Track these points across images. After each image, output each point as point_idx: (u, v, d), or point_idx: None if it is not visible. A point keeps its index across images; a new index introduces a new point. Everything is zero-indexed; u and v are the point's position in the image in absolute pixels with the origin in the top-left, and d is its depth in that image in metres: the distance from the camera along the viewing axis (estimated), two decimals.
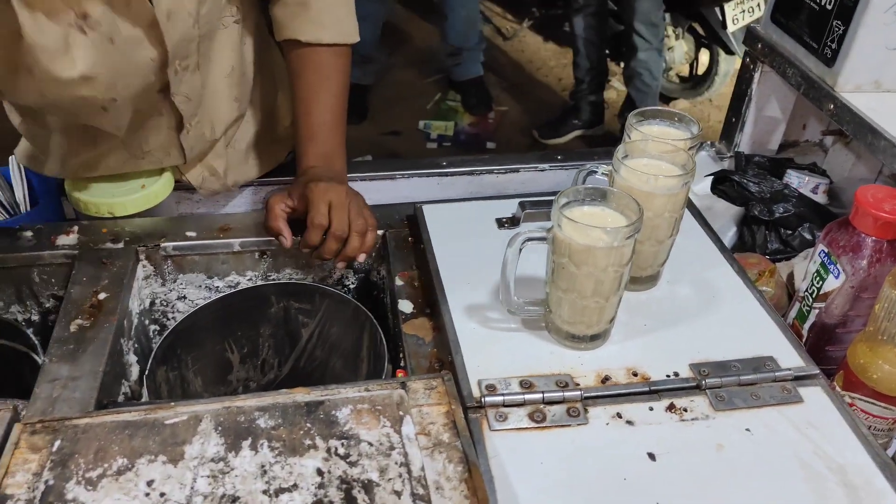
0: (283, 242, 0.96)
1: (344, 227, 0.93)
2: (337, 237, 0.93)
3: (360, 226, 0.95)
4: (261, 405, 0.63)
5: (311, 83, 1.03)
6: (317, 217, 0.93)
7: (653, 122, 0.90)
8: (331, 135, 1.04)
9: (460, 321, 0.83)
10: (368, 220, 0.96)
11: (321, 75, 1.04)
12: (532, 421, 0.72)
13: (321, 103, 1.03)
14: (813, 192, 1.18)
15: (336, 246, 0.94)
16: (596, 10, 3.01)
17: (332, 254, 0.94)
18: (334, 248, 0.94)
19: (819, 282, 0.88)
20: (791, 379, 0.77)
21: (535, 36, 4.11)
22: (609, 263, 0.73)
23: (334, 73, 1.04)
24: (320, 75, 1.03)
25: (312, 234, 0.94)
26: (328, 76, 1.04)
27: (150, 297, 1.00)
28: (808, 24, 1.08)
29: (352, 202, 0.96)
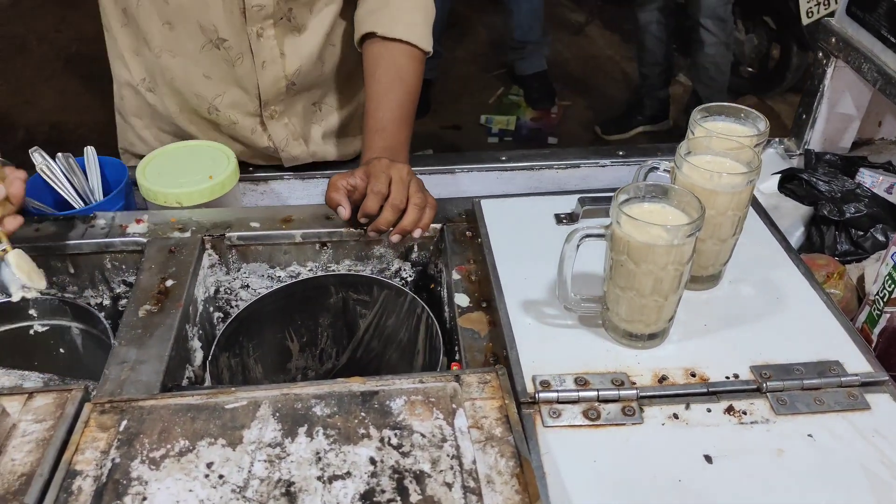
0: (342, 213, 0.96)
1: (402, 198, 0.94)
2: (395, 207, 0.93)
3: (420, 199, 0.95)
4: (318, 393, 0.64)
5: (384, 80, 1.08)
6: (376, 185, 0.93)
7: (718, 118, 0.88)
8: (397, 130, 1.06)
9: (516, 316, 0.83)
10: (428, 198, 0.97)
11: (394, 74, 1.08)
12: (586, 418, 0.72)
13: (392, 100, 1.07)
14: (887, 191, 1.13)
15: (393, 217, 0.94)
16: (662, 4, 2.95)
17: (387, 224, 0.94)
18: (391, 219, 0.94)
19: (891, 285, 0.85)
20: (858, 385, 0.75)
21: (600, 30, 4.05)
22: (669, 262, 0.72)
23: (406, 75, 1.09)
24: (394, 74, 1.08)
25: (371, 201, 0.93)
26: (401, 77, 1.09)
27: (215, 284, 1.03)
28: (887, 17, 1.04)
29: (412, 179, 0.97)
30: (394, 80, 1.08)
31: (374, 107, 1.07)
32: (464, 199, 1.07)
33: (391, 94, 1.07)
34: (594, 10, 4.09)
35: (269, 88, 1.15)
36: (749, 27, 3.39)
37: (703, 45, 2.87)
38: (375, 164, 0.96)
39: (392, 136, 1.05)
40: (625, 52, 3.79)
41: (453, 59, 3.73)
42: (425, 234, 0.97)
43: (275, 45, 1.11)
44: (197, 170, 1.08)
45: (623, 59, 3.76)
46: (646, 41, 3.07)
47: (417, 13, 1.11)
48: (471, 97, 3.52)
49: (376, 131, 1.06)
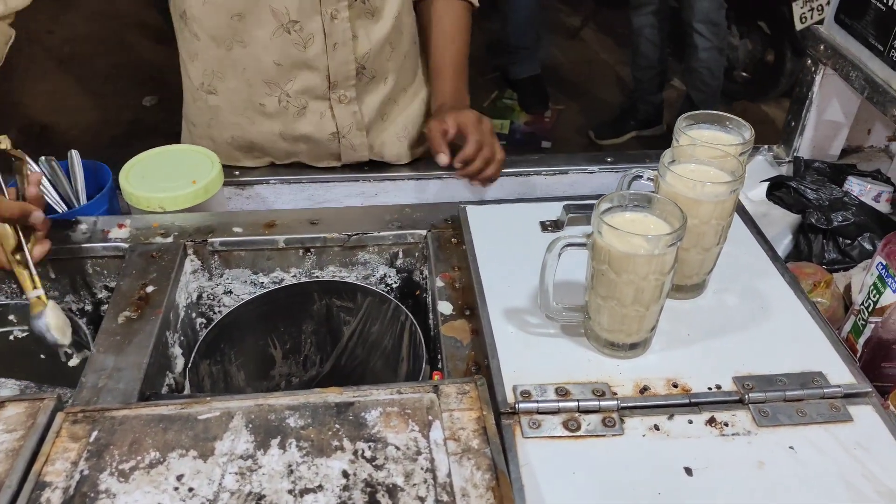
0: (442, 160, 1.12)
1: (491, 153, 1.13)
2: (486, 158, 1.12)
3: (501, 154, 1.16)
4: (292, 404, 0.63)
5: (450, 30, 1.25)
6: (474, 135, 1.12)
7: (703, 126, 0.88)
8: (459, 77, 1.24)
9: (498, 324, 0.82)
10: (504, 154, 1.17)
11: (458, 25, 1.25)
12: (566, 429, 0.71)
13: (454, 51, 1.24)
14: (875, 200, 1.13)
15: (482, 166, 1.13)
16: (657, 7, 2.95)
17: (475, 172, 1.13)
18: (479, 168, 1.13)
19: (876, 295, 0.84)
20: (840, 396, 0.74)
21: (594, 33, 4.05)
22: (650, 271, 0.72)
23: (466, 27, 1.27)
24: (458, 25, 1.25)
25: (470, 148, 1.11)
26: (462, 28, 1.26)
27: (198, 290, 1.02)
28: (875, 25, 1.04)
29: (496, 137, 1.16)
30: (457, 31, 1.24)
31: (440, 55, 1.24)
32: (450, 204, 1.06)
33: (456, 43, 1.24)
34: (589, 14, 4.09)
35: (338, 70, 1.17)
36: (743, 32, 3.39)
37: (696, 50, 2.87)
38: (468, 115, 1.14)
39: (455, 81, 1.23)
40: (619, 56, 3.79)
41: None
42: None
43: (348, 27, 1.14)
44: (180, 174, 1.07)
45: (617, 63, 3.76)
46: (640, 45, 3.07)
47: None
48: None
49: (441, 78, 1.23)
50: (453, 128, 1.12)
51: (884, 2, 1.01)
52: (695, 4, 2.79)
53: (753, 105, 3.41)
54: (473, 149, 1.11)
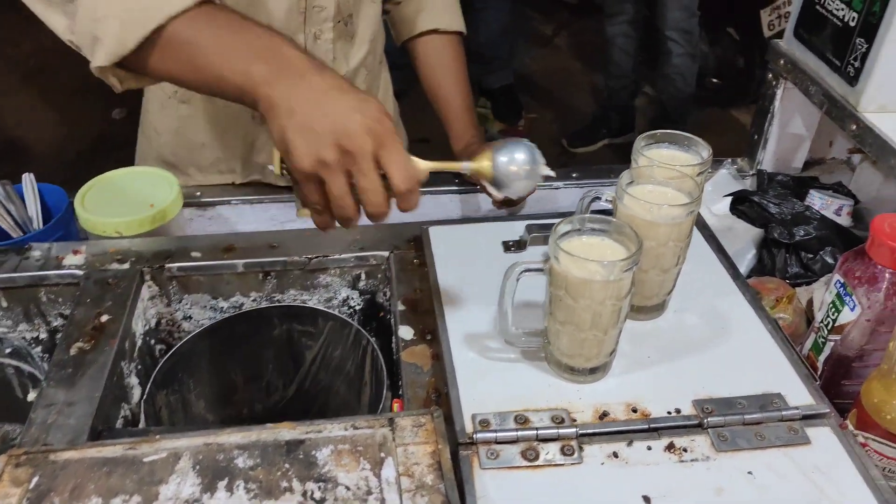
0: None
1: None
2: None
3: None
4: (241, 443, 0.62)
5: (452, 67, 1.25)
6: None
7: (661, 145, 0.88)
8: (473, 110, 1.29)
9: (458, 350, 0.81)
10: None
11: (459, 63, 1.26)
12: (525, 459, 0.70)
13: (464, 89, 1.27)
14: (836, 213, 1.13)
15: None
16: (631, 17, 2.97)
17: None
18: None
19: (835, 313, 0.84)
20: (799, 419, 0.74)
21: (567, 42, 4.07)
22: (607, 296, 0.71)
23: (463, 59, 1.27)
24: (459, 63, 1.26)
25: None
26: (461, 61, 1.26)
27: (156, 317, 1.00)
28: (831, 40, 1.04)
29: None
30: (459, 66, 1.25)
31: (450, 91, 1.25)
32: (412, 224, 1.05)
33: (461, 78, 1.26)
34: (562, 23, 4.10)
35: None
36: (713, 39, 3.42)
37: (670, 56, 2.89)
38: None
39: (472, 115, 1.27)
40: (592, 64, 3.81)
41: None
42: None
43: (330, 48, 1.13)
44: (138, 198, 1.06)
45: (590, 71, 3.78)
46: (613, 54, 3.08)
47: (457, 5, 1.26)
48: None
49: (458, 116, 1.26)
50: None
51: (840, 17, 1.02)
52: (667, 14, 2.81)
53: (724, 111, 3.44)
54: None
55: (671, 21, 2.83)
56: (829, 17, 1.04)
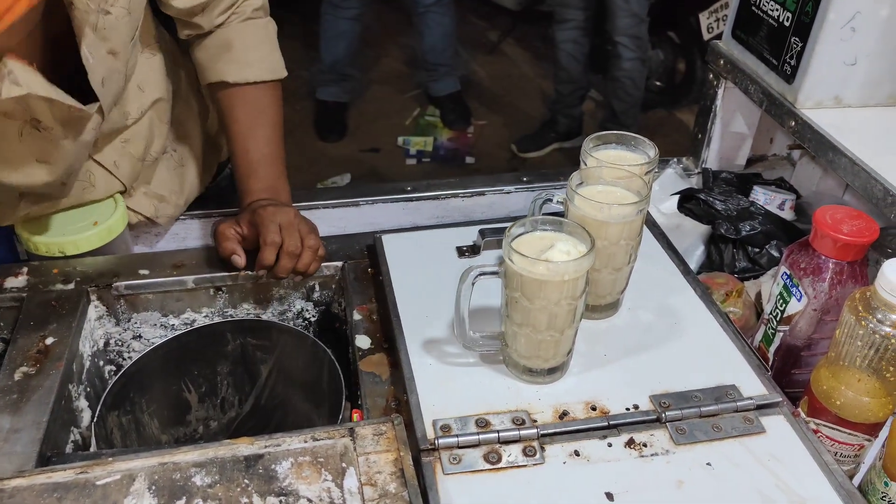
0: (237, 262, 0.96)
1: (297, 244, 0.94)
2: (291, 254, 0.94)
3: (313, 242, 0.96)
4: (199, 460, 0.60)
5: (245, 120, 1.03)
6: (269, 236, 0.93)
7: (609, 146, 0.89)
8: (272, 168, 1.04)
9: (417, 357, 0.81)
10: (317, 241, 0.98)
11: (255, 111, 1.04)
12: (487, 462, 0.70)
13: (258, 138, 1.03)
14: (780, 208, 1.16)
15: (291, 264, 0.94)
16: (580, 24, 3.01)
17: (286, 272, 0.94)
18: (289, 266, 0.94)
19: (782, 304, 0.86)
20: (753, 408, 0.76)
21: (513, 48, 4.10)
22: (562, 297, 0.71)
23: (268, 107, 1.05)
24: (254, 111, 1.04)
25: (267, 253, 0.93)
26: (262, 110, 1.04)
27: (104, 337, 0.97)
28: (768, 40, 1.07)
29: (301, 222, 0.97)
30: (256, 118, 1.04)
31: (242, 149, 1.03)
32: (365, 234, 1.05)
33: (256, 130, 1.03)
34: (507, 29, 4.14)
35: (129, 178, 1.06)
36: (655, 42, 3.49)
37: (620, 60, 2.93)
38: (261, 213, 0.94)
39: (268, 176, 1.03)
40: (538, 69, 3.85)
41: (368, 81, 3.71)
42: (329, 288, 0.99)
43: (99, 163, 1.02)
44: (81, 216, 1.02)
45: (537, 76, 3.82)
46: (562, 59, 3.12)
47: (263, 45, 1.05)
48: (387, 119, 3.51)
49: (250, 175, 1.03)
50: (248, 227, 0.95)
51: (775, 18, 1.05)
52: (617, 21, 2.86)
53: (669, 113, 3.51)
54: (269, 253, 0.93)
55: (621, 27, 2.88)
56: (764, 17, 1.07)
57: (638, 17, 2.87)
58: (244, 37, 1.03)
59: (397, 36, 4.01)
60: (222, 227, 0.97)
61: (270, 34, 1.08)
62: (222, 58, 1.03)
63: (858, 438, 0.76)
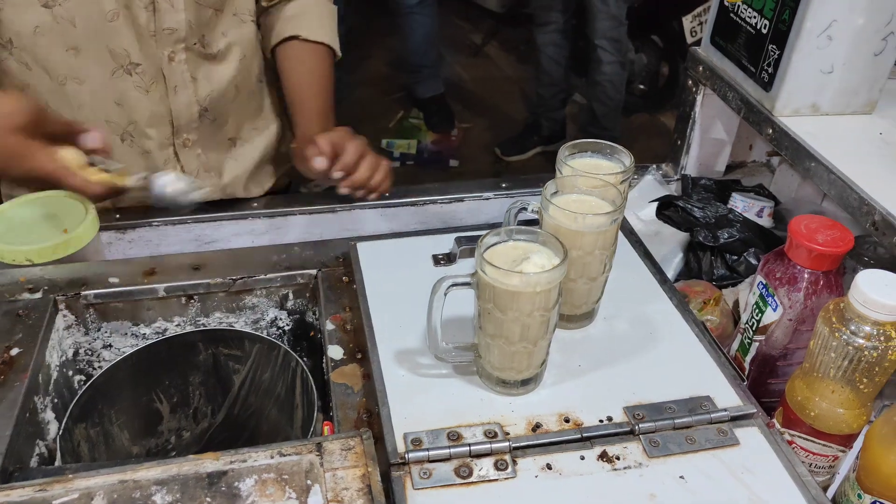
0: (320, 164, 1.03)
1: (377, 159, 1.07)
2: (371, 165, 1.06)
3: (386, 165, 1.10)
4: (160, 478, 0.59)
5: (309, 72, 1.17)
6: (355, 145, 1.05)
7: (585, 154, 0.88)
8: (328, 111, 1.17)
9: (389, 368, 0.80)
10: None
11: (323, 69, 1.19)
12: (458, 476, 0.69)
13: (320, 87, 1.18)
14: (758, 215, 1.16)
15: (368, 174, 1.06)
16: (560, 27, 3.01)
17: (363, 182, 1.06)
18: (367, 177, 1.06)
19: (758, 314, 0.86)
20: (727, 420, 0.75)
21: (496, 51, 4.11)
22: (534, 308, 0.71)
23: (329, 70, 1.20)
24: (322, 68, 1.19)
25: (351, 156, 1.04)
26: (327, 73, 1.19)
27: (73, 347, 0.95)
28: (746, 47, 1.07)
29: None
30: (321, 75, 1.18)
31: (302, 96, 1.16)
32: (340, 241, 1.04)
33: (320, 86, 1.17)
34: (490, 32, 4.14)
35: (181, 114, 1.13)
36: (638, 46, 3.50)
37: (600, 64, 2.94)
38: (338, 131, 1.06)
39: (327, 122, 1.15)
40: (522, 72, 3.85)
41: (352, 84, 3.70)
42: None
43: (185, 69, 1.10)
44: (50, 223, 1.01)
45: (520, 79, 3.82)
46: (543, 62, 3.12)
47: (333, 22, 1.22)
48: (371, 121, 3.50)
49: (311, 115, 1.15)
50: (326, 145, 1.04)
51: (752, 25, 1.05)
52: (596, 23, 2.87)
53: (652, 117, 3.52)
54: (354, 155, 1.04)
55: (600, 30, 2.88)
56: (742, 24, 1.07)
57: (617, 19, 2.88)
58: (321, 7, 1.21)
59: (381, 38, 4.00)
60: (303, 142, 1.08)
61: (334, 15, 1.24)
62: (298, 18, 1.18)
63: (833, 450, 0.76)
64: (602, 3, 2.82)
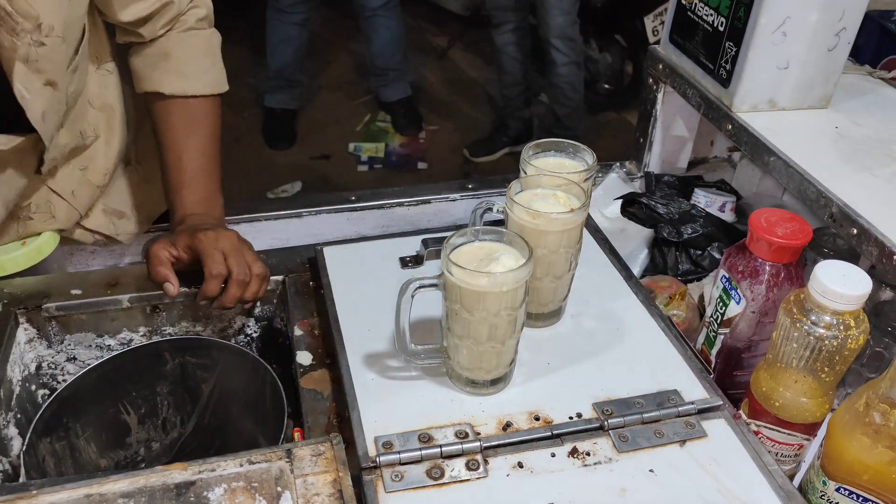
0: (169, 290, 0.90)
1: (245, 272, 0.90)
2: (240, 283, 0.89)
3: (260, 269, 0.92)
4: (127, 490, 0.58)
5: (179, 131, 0.99)
6: (215, 267, 0.88)
7: (548, 154, 0.89)
8: (207, 180, 1.00)
9: (358, 372, 0.80)
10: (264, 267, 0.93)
11: (190, 122, 1.00)
12: (430, 478, 0.69)
13: (192, 149, 0.99)
14: (720, 210, 1.18)
15: (239, 293, 0.90)
16: (516, 25, 3.02)
17: (234, 302, 0.90)
18: (238, 296, 0.90)
19: (722, 307, 0.87)
20: (695, 413, 0.76)
21: (463, 53, 4.11)
22: (501, 307, 0.71)
23: (204, 118, 1.01)
24: (189, 122, 1.00)
25: (212, 284, 0.88)
26: (198, 121, 1.00)
27: (36, 360, 0.94)
28: (703, 45, 1.09)
29: (243, 245, 0.92)
30: (190, 127, 0.99)
31: (175, 159, 0.98)
32: (306, 246, 1.03)
33: (190, 141, 0.99)
34: (456, 34, 4.14)
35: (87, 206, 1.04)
36: (602, 46, 3.53)
37: (555, 66, 2.95)
38: (201, 239, 0.89)
39: (203, 188, 0.99)
40: (488, 74, 3.86)
41: (317, 88, 3.68)
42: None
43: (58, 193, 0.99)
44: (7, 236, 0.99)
45: (486, 81, 3.83)
46: (504, 63, 3.13)
47: (203, 58, 1.01)
48: (338, 125, 3.48)
49: (183, 186, 0.98)
50: (185, 252, 0.90)
51: (710, 23, 1.06)
52: (549, 21, 2.87)
53: (618, 115, 3.56)
54: (214, 285, 0.88)
55: (554, 28, 2.88)
56: (700, 22, 1.09)
57: (570, 15, 2.88)
58: (184, 48, 1.00)
59: (345, 41, 3.98)
60: (155, 248, 0.91)
61: (213, 46, 1.03)
62: (159, 67, 0.99)
63: (797, 438, 0.77)
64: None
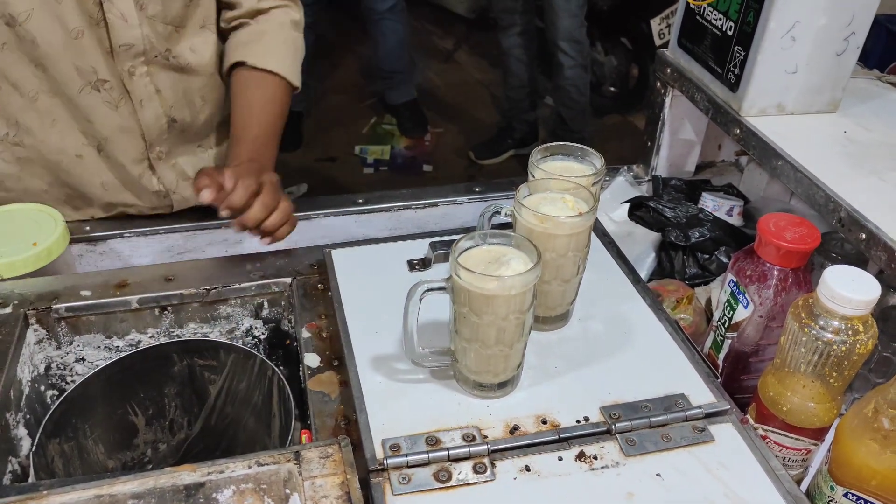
0: (205, 196, 0.89)
1: (275, 199, 0.94)
2: (265, 205, 0.93)
3: (287, 207, 0.96)
4: (137, 491, 0.58)
5: (256, 100, 1.11)
6: (247, 181, 0.92)
7: (556, 157, 0.89)
8: (265, 147, 1.08)
9: (366, 375, 0.80)
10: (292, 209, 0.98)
11: (267, 96, 1.12)
12: (437, 481, 0.69)
13: (264, 119, 1.10)
14: (728, 214, 1.18)
15: (262, 215, 0.93)
16: (523, 28, 3.03)
17: (255, 222, 0.92)
18: (260, 217, 0.93)
19: (730, 311, 0.87)
20: (702, 417, 0.76)
21: (468, 56, 4.12)
22: (510, 311, 0.71)
23: (279, 100, 1.13)
24: (266, 96, 1.12)
25: (239, 192, 0.91)
26: (273, 100, 1.12)
27: (45, 361, 0.94)
28: (712, 49, 1.09)
29: (282, 189, 0.98)
30: (266, 102, 1.11)
31: (244, 122, 1.09)
32: (315, 248, 1.03)
33: (263, 113, 1.10)
34: (461, 37, 4.15)
35: (151, 127, 1.12)
36: (608, 49, 3.53)
37: (562, 68, 2.95)
38: (246, 166, 0.96)
39: (260, 150, 1.06)
40: (493, 76, 3.86)
41: (324, 90, 3.69)
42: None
43: (148, 82, 1.08)
44: (19, 236, 0.99)
45: (492, 83, 3.83)
46: (510, 65, 3.13)
47: (288, 51, 1.16)
48: (344, 128, 3.49)
49: (245, 141, 1.07)
50: (230, 179, 0.92)
51: (718, 27, 1.06)
52: (557, 23, 2.88)
53: (623, 118, 3.56)
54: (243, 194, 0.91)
55: (561, 31, 2.89)
56: (708, 27, 1.09)
57: (577, 18, 2.89)
58: (278, 34, 1.14)
59: (352, 45, 3.99)
60: (204, 168, 0.94)
61: (299, 50, 1.18)
62: (250, 44, 1.13)
63: (805, 443, 0.77)
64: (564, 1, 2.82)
